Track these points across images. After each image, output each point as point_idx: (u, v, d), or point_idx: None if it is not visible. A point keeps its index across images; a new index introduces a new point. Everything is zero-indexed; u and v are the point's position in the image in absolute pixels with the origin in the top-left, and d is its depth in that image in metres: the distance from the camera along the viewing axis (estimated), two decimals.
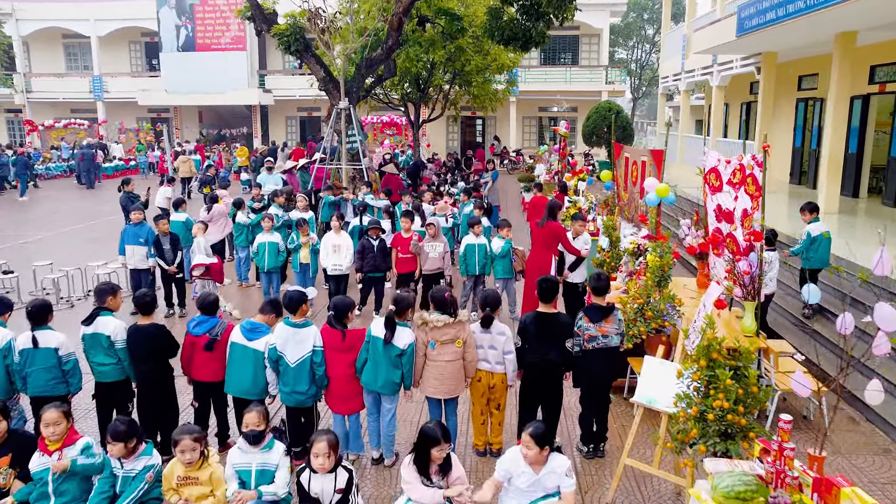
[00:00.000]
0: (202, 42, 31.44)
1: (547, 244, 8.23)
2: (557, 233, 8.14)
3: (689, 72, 22.94)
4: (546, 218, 8.28)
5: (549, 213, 8.32)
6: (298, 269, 9.02)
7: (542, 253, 8.24)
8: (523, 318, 5.26)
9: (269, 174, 13.61)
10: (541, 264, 8.15)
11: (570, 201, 11.71)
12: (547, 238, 8.21)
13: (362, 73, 14.15)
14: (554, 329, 5.09)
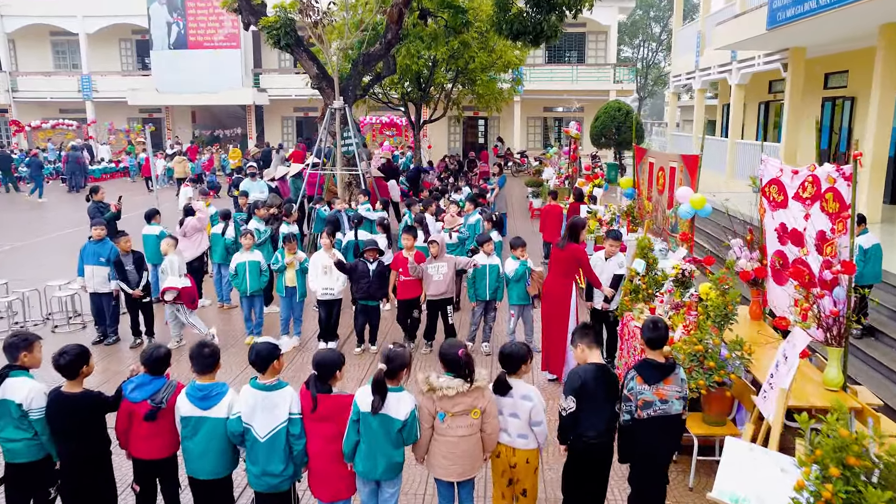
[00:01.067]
0: (194, 39, 30.27)
1: (566, 270, 6.94)
2: (579, 258, 6.90)
3: (705, 70, 21.78)
4: (566, 238, 7.00)
5: (571, 233, 7.01)
6: (284, 292, 7.85)
7: (559, 281, 6.95)
8: (577, 373, 4.08)
9: (253, 181, 12.42)
10: (558, 294, 6.90)
11: (589, 211, 10.55)
12: (567, 263, 6.92)
13: (359, 69, 12.99)
14: (610, 389, 3.98)
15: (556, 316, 6.84)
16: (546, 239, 12.27)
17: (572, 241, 6.95)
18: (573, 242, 6.95)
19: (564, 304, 6.81)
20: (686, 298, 5.70)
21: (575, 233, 7.02)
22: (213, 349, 3.97)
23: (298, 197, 12.84)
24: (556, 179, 17.06)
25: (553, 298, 6.91)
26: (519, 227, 16.28)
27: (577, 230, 7.04)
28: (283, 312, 7.95)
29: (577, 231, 7.04)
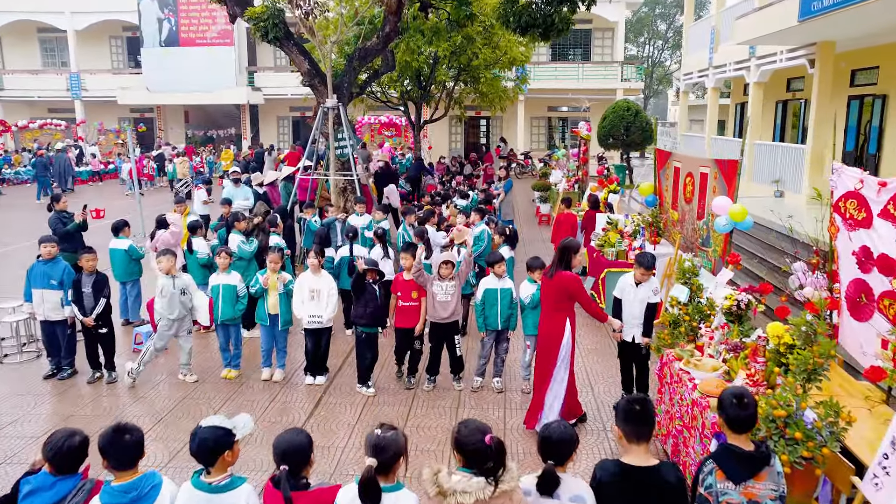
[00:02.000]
0: (186, 36, 29.21)
1: (557, 303, 5.65)
2: (571, 289, 5.60)
3: (719, 67, 20.73)
4: (556, 265, 5.69)
5: (561, 258, 5.68)
6: (266, 320, 6.80)
7: (549, 316, 5.70)
8: (596, 474, 3.02)
9: (237, 187, 11.35)
10: (547, 331, 5.71)
11: (609, 221, 9.50)
12: (557, 295, 5.64)
13: (354, 65, 11.96)
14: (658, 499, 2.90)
15: (543, 357, 5.73)
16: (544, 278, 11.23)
17: (563, 268, 5.68)
18: (564, 269, 5.69)
19: (553, 344, 5.64)
20: (750, 339, 4.65)
21: (566, 258, 5.68)
22: (136, 436, 2.91)
23: (289, 203, 11.80)
24: (566, 183, 16.01)
25: (542, 336, 5.80)
26: (526, 234, 15.24)
27: (569, 255, 5.67)
28: (264, 343, 6.91)
29: (569, 256, 5.67)
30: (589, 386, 6.88)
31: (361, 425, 5.98)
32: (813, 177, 14.43)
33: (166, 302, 6.67)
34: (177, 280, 6.69)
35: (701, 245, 8.75)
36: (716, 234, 8.29)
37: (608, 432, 5.84)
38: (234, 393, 6.65)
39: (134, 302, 8.44)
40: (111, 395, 6.62)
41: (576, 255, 5.66)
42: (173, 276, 6.70)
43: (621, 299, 6.11)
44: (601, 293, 8.79)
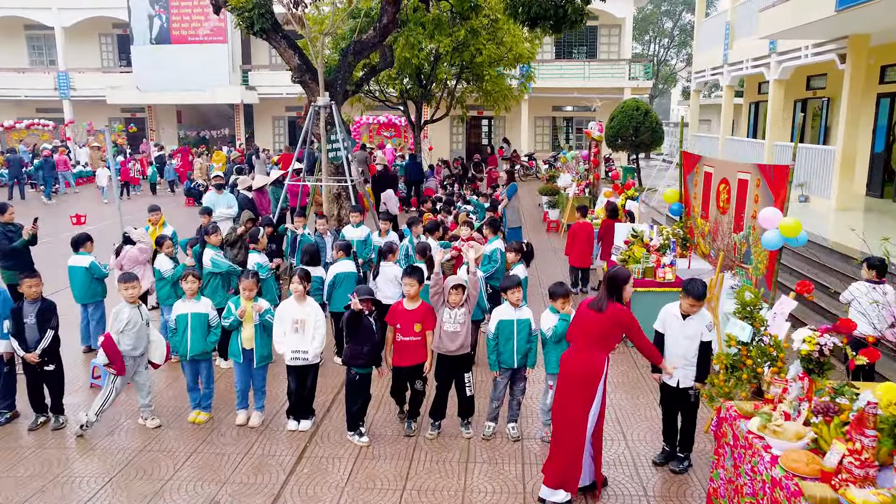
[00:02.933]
0: (178, 34, 28.20)
1: (602, 340, 4.61)
2: (626, 324, 4.65)
3: (735, 64, 19.74)
4: (604, 297, 4.66)
5: (611, 288, 4.67)
6: (240, 356, 5.78)
7: (588, 355, 4.60)
8: None
9: (220, 194, 10.30)
10: (582, 372, 4.56)
11: (634, 235, 8.48)
12: (606, 331, 4.61)
13: (349, 60, 10.95)
14: None
15: (574, 404, 4.57)
16: (573, 263, 10.23)
17: (613, 300, 4.67)
18: (615, 301, 4.67)
19: (589, 388, 4.54)
20: (845, 397, 3.63)
21: (616, 288, 4.66)
22: None
23: (276, 211, 10.79)
24: (576, 188, 15.00)
25: (574, 378, 4.61)
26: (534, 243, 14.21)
27: (619, 285, 4.65)
28: (238, 382, 5.89)
29: (620, 286, 4.66)
30: (620, 433, 5.86)
31: (352, 487, 4.97)
32: (843, 181, 13.44)
33: (133, 335, 5.67)
34: (142, 310, 5.69)
35: (741, 261, 7.74)
36: (758, 250, 7.27)
37: (651, 500, 4.82)
38: (201, 443, 5.63)
39: (97, 326, 7.43)
40: (56, 445, 5.60)
41: (626, 286, 4.69)
42: (138, 306, 5.70)
43: (663, 334, 5.09)
44: None
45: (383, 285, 7.13)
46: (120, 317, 5.65)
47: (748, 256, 7.54)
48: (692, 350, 4.90)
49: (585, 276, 10.31)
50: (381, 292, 7.09)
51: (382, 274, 7.17)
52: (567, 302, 5.59)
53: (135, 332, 5.71)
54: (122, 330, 5.61)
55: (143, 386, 5.78)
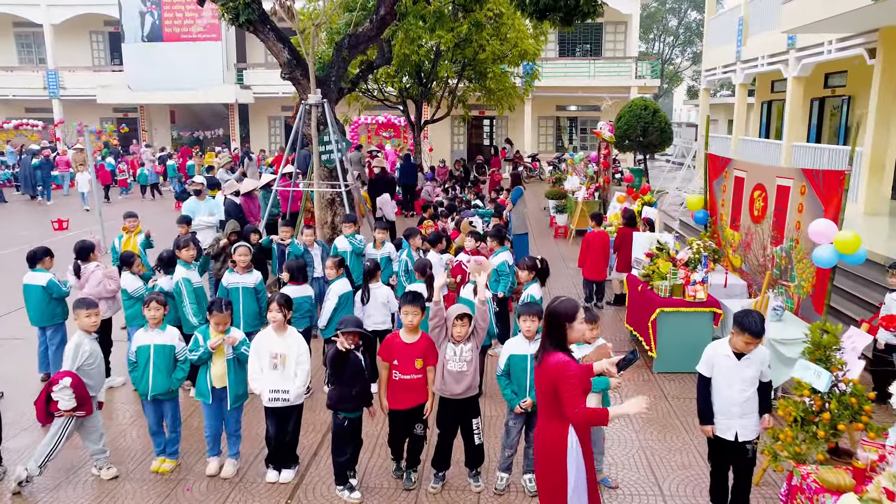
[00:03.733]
0: (170, 31, 27.36)
1: (551, 405, 3.48)
2: (557, 376, 3.37)
3: (749, 61, 18.89)
4: (543, 342, 3.54)
5: (550, 331, 3.51)
6: (209, 396, 4.94)
7: (546, 423, 3.56)
8: None
9: (200, 200, 9.44)
10: (546, 443, 3.54)
11: (659, 248, 7.63)
12: (546, 392, 3.49)
13: (344, 55, 10.11)
14: None
15: (548, 484, 3.59)
16: (587, 276, 9.38)
17: (554, 346, 3.46)
18: (556, 349, 3.45)
19: (555, 466, 3.50)
20: None
21: (556, 329, 3.45)
22: None
23: (264, 219, 9.95)
24: (585, 191, 14.15)
25: (538, 453, 3.66)
26: (541, 250, 13.39)
27: (560, 325, 3.43)
28: (208, 426, 5.05)
29: (561, 327, 3.43)
30: (654, 483, 5.01)
31: None
32: (871, 183, 12.61)
33: (95, 373, 4.88)
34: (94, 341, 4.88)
35: (778, 278, 6.90)
36: (802, 267, 6.44)
37: None
38: (165, 498, 4.79)
39: (56, 352, 6.56)
40: None
41: (571, 325, 3.45)
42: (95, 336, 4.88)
43: (710, 378, 4.24)
44: (652, 339, 6.93)
45: (374, 310, 6.31)
46: (82, 350, 4.82)
47: (790, 273, 6.71)
48: (751, 396, 4.06)
49: (601, 290, 9.47)
50: (372, 318, 6.28)
51: (373, 298, 6.34)
52: (595, 328, 4.74)
53: (96, 367, 4.91)
54: (81, 366, 4.79)
55: (94, 429, 4.93)
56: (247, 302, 6.38)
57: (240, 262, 6.38)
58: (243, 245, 6.53)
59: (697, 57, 43.54)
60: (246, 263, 6.44)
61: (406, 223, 16.11)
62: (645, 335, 7.11)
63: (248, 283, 6.41)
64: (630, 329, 7.85)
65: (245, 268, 6.42)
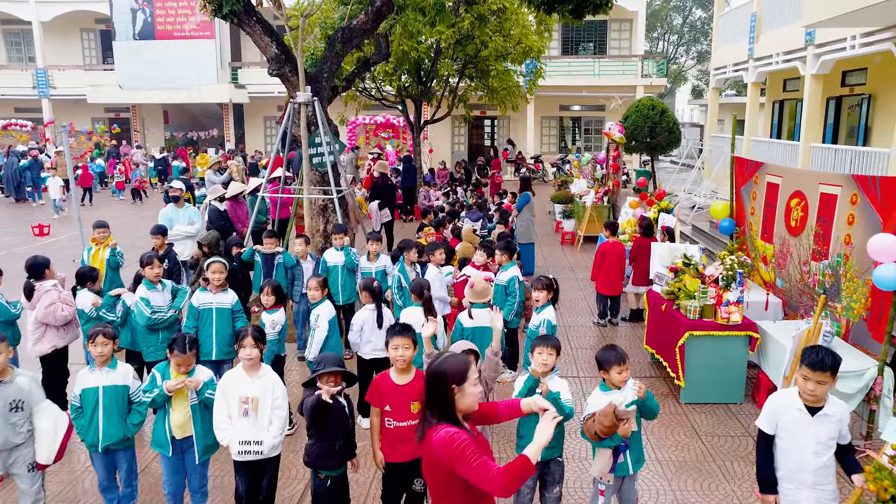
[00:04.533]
0: (163, 28, 26.59)
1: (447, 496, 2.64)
2: (442, 459, 2.53)
3: (762, 59, 18.13)
4: (423, 415, 2.69)
5: (431, 394, 2.63)
6: (168, 448, 4.17)
7: None
8: None
9: (178, 207, 8.64)
10: None
11: (686, 263, 6.85)
12: (435, 479, 2.66)
13: (337, 49, 9.34)
14: None
15: None
16: (602, 290, 8.60)
17: (439, 419, 2.60)
18: (441, 422, 2.59)
19: None
20: None
21: (440, 395, 2.61)
22: None
23: (251, 226, 9.18)
24: (593, 196, 13.38)
25: None
26: (547, 258, 12.64)
27: (444, 389, 2.60)
28: (167, 482, 4.27)
29: (445, 392, 2.60)
30: None
31: None
32: None
33: None
34: (7, 387, 4.05)
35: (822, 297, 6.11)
36: (852, 286, 5.67)
37: None
38: None
39: None
40: None
41: (461, 389, 2.61)
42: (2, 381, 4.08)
43: (774, 436, 3.46)
44: (679, 366, 6.16)
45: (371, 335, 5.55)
46: None
47: (836, 292, 5.94)
48: (828, 462, 3.29)
49: (615, 305, 8.70)
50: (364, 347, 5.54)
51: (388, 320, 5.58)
52: (624, 369, 3.98)
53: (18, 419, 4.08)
54: None
55: (28, 494, 4.15)
56: (220, 325, 5.61)
57: (213, 280, 5.60)
58: (217, 261, 5.75)
59: (702, 56, 42.79)
60: (220, 282, 5.67)
61: (405, 230, 15.33)
62: (671, 361, 6.34)
63: (223, 304, 5.64)
64: (651, 351, 7.09)
65: (220, 286, 5.65)
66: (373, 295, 5.66)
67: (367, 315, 5.65)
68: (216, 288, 5.64)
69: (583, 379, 6.91)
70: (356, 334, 5.61)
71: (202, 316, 5.56)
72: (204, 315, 5.57)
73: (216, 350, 5.55)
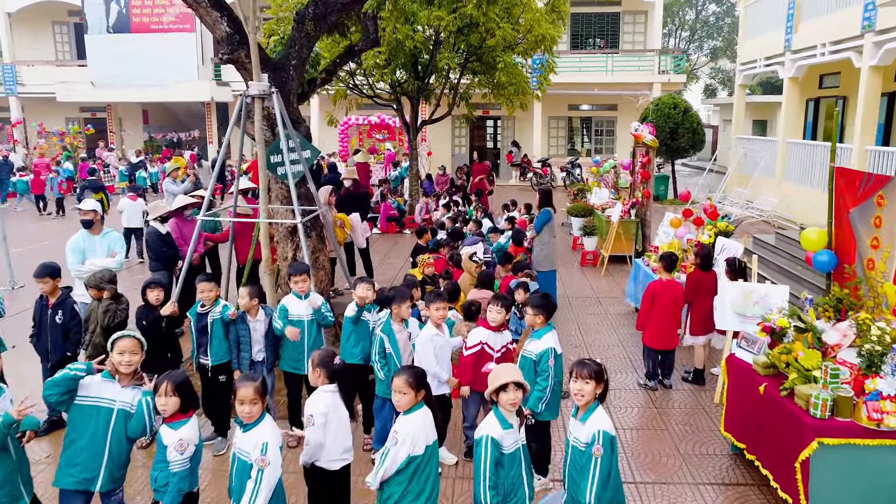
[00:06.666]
0: (139, 21, 24.57)
1: None
2: None
3: (801, 51, 16.10)
4: None
5: None
6: None
7: None
8: None
9: (95, 235, 6.44)
10: None
11: (802, 327, 4.75)
12: None
13: (308, 29, 7.29)
14: None
15: None
16: (651, 343, 6.53)
17: None
18: None
19: None
20: None
21: None
22: None
23: (185, 262, 7.07)
24: (620, 209, 11.32)
25: None
26: (567, 286, 10.57)
27: None
28: None
29: None
30: None
31: None
32: None
33: None
34: None
35: None
36: None
37: None
38: None
39: None
40: None
41: None
42: None
43: None
44: (801, 489, 4.08)
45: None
46: None
47: None
48: None
49: (669, 362, 6.65)
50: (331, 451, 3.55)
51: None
52: None
53: None
54: None
55: None
56: (116, 437, 3.60)
57: (121, 368, 3.61)
58: (127, 336, 3.70)
59: (716, 53, 40.76)
60: (131, 370, 3.66)
61: (399, 244, 13.23)
62: (785, 479, 4.27)
63: (123, 404, 3.62)
64: (738, 443, 5.02)
65: (130, 376, 3.65)
66: (328, 374, 3.72)
67: (330, 401, 3.73)
68: (126, 378, 3.64)
69: (640, 486, 4.86)
70: (319, 431, 3.68)
71: (85, 416, 3.55)
72: (87, 415, 3.56)
73: (104, 476, 3.59)
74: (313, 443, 3.75)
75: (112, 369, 3.62)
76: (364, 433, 5.45)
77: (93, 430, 3.53)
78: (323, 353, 3.97)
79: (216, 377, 5.15)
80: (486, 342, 4.82)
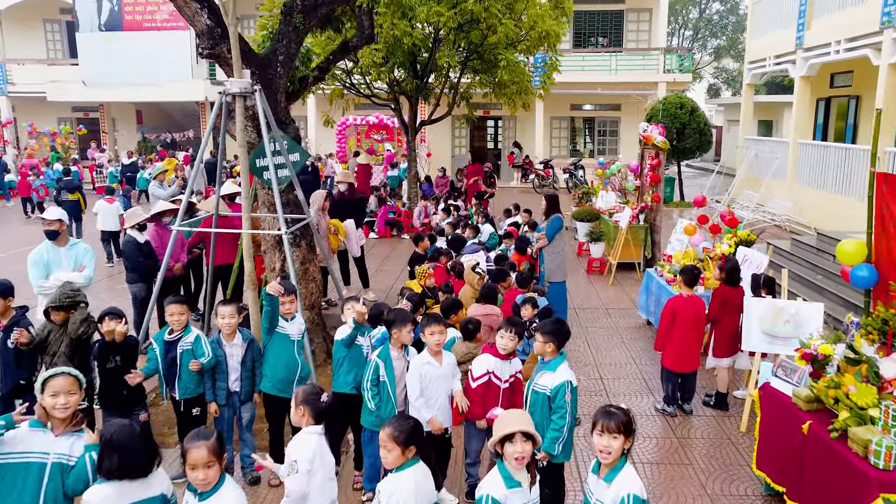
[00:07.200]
0: (131, 19, 23.97)
1: None
2: None
3: (814, 48, 15.53)
4: None
5: None
6: None
7: None
8: None
9: (60, 247, 5.81)
10: None
11: (853, 359, 4.18)
12: None
13: (296, 22, 6.72)
14: None
15: None
16: (671, 365, 5.96)
17: None
18: None
19: None
20: None
21: None
22: None
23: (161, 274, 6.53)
24: (629, 214, 10.75)
25: None
26: (574, 296, 9.99)
27: None
28: None
29: None
30: None
31: None
32: None
33: None
34: None
35: None
36: None
37: None
38: None
39: None
40: None
41: None
42: None
43: None
44: None
45: None
46: None
47: None
48: None
49: (689, 386, 6.08)
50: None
51: None
52: None
53: None
54: None
55: None
56: (52, 497, 3.03)
57: (56, 413, 3.04)
58: (62, 374, 3.13)
59: (719, 52, 40.20)
60: (67, 413, 3.09)
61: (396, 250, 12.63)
62: None
63: (58, 456, 3.04)
64: (774, 485, 4.45)
65: (67, 420, 3.09)
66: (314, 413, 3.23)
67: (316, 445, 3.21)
68: (61, 424, 3.07)
69: None
70: (303, 480, 3.17)
71: (8, 477, 2.97)
72: (11, 473, 2.97)
73: None
74: (295, 493, 3.22)
75: (42, 415, 3.04)
76: (355, 469, 4.89)
77: (18, 494, 2.94)
78: (308, 388, 3.44)
79: (189, 410, 4.59)
80: (493, 371, 4.25)
